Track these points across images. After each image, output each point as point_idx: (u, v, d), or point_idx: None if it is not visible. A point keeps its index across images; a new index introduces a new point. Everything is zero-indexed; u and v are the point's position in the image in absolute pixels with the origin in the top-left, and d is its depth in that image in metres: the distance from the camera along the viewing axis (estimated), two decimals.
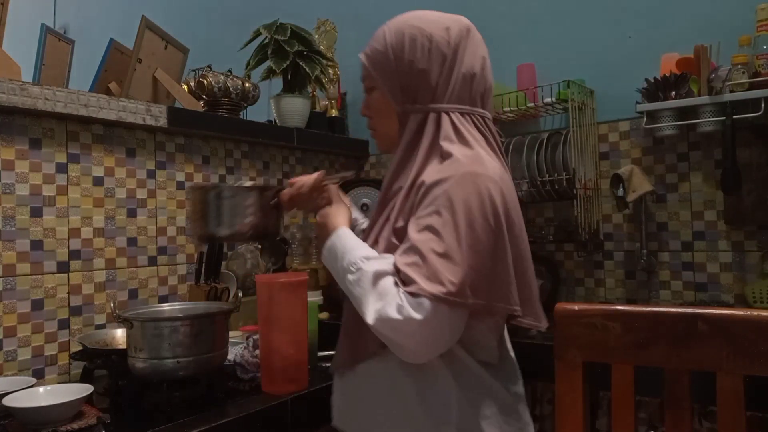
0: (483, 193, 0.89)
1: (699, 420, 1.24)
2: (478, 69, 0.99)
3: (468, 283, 0.86)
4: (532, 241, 1.92)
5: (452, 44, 0.97)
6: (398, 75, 0.99)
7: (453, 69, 0.97)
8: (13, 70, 1.41)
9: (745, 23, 1.61)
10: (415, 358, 0.91)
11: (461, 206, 0.88)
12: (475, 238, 0.87)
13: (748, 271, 1.67)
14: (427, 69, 0.96)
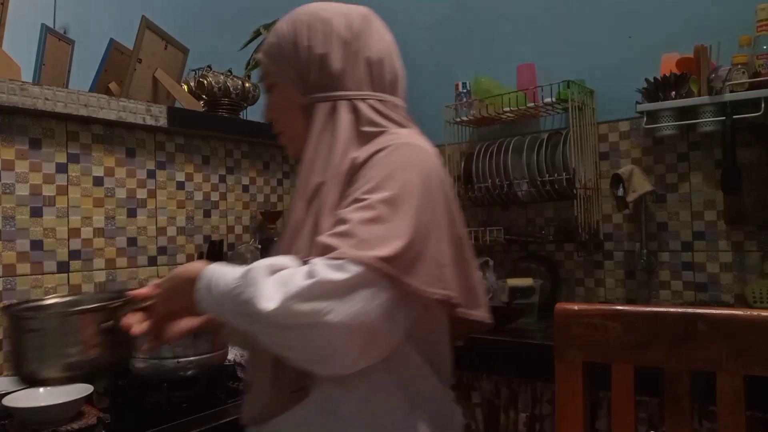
0: (424, 165, 0.81)
1: (699, 420, 1.24)
2: (385, 54, 0.93)
3: (403, 255, 0.73)
4: (531, 241, 1.95)
5: (354, 29, 0.91)
6: (297, 63, 0.91)
7: (358, 54, 0.90)
8: (13, 70, 1.41)
9: (745, 23, 1.61)
10: (344, 355, 0.72)
11: (400, 175, 0.79)
12: (414, 209, 0.76)
13: (748, 271, 1.67)
14: (328, 53, 0.89)
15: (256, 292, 0.71)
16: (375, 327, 0.72)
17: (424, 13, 2.31)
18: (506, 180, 1.89)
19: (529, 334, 1.53)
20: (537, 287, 1.70)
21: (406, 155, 0.81)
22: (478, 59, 2.16)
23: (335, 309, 0.69)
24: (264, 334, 0.73)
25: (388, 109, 0.91)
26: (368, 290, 0.71)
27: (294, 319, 0.69)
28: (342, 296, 0.69)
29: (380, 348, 0.76)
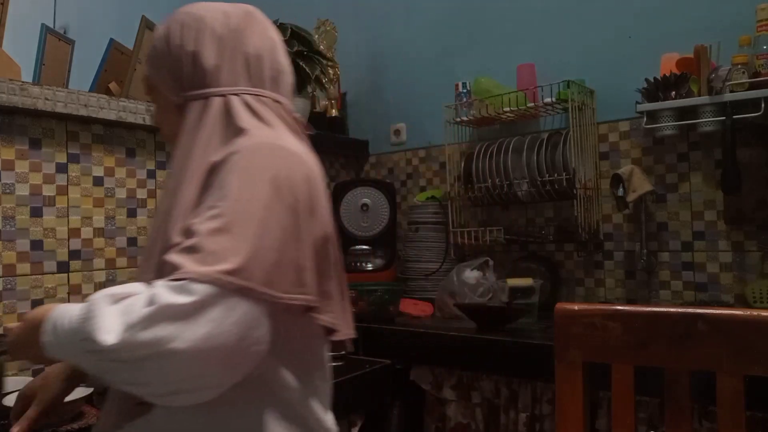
0: (280, 165, 0.76)
1: (699, 420, 1.24)
2: (266, 50, 0.89)
3: (255, 264, 0.68)
4: (531, 241, 1.95)
5: (231, 25, 0.88)
6: (169, 62, 0.88)
7: (236, 50, 0.87)
8: (13, 70, 1.41)
9: (745, 23, 1.61)
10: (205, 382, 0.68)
11: (252, 176, 0.74)
12: (266, 213, 0.72)
13: (748, 271, 1.67)
14: (199, 51, 0.86)
15: (95, 325, 0.66)
16: (232, 346, 0.66)
17: (424, 13, 2.31)
18: (506, 180, 1.89)
19: (529, 334, 1.53)
20: (537, 287, 1.70)
21: (261, 158, 0.76)
22: (478, 59, 2.16)
23: (180, 335, 0.63)
24: (112, 372, 0.68)
25: (262, 105, 0.86)
26: (218, 308, 0.65)
27: (137, 351, 0.64)
28: (187, 320, 0.64)
29: (246, 365, 0.71)
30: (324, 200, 0.82)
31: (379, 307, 1.78)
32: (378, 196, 2.19)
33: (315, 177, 0.81)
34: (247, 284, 0.67)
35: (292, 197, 0.75)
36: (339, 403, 1.44)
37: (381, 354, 1.66)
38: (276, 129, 0.83)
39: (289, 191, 0.75)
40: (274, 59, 0.90)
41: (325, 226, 0.81)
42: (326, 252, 0.81)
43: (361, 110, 2.48)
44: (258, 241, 0.70)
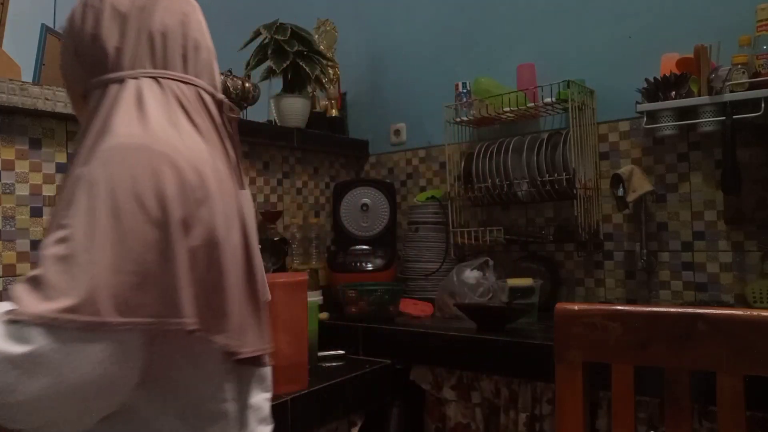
0: (141, 172, 0.66)
1: (699, 420, 1.24)
2: (174, 25, 0.80)
3: (104, 293, 0.61)
4: (531, 241, 1.95)
5: (137, 3, 0.80)
6: (74, 48, 0.81)
7: (140, 29, 0.79)
8: (13, 70, 1.41)
9: (745, 23, 1.61)
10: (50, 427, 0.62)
11: (104, 189, 0.64)
12: (120, 232, 0.63)
13: (748, 271, 1.67)
14: (100, 34, 0.78)
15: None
16: (81, 389, 0.60)
17: (424, 13, 2.31)
18: (506, 180, 1.89)
19: (529, 334, 1.53)
20: (537, 287, 1.70)
21: (119, 166, 0.66)
22: (478, 59, 2.16)
23: (18, 388, 0.58)
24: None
25: (161, 90, 0.76)
26: (59, 354, 0.59)
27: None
28: (25, 371, 0.58)
29: (106, 403, 0.65)
30: (214, 204, 0.71)
31: (379, 307, 1.78)
32: (378, 196, 2.20)
33: (192, 180, 0.69)
34: (92, 319, 0.59)
35: (158, 210, 0.65)
36: (339, 403, 1.45)
37: (381, 354, 1.66)
38: (152, 119, 0.72)
39: (158, 202, 0.66)
40: (185, 35, 0.82)
41: (210, 235, 0.70)
42: (216, 264, 0.70)
43: (361, 110, 2.48)
44: (109, 265, 0.62)
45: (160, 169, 0.67)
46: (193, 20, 0.83)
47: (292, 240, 2.06)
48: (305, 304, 1.34)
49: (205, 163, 0.73)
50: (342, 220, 2.20)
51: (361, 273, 2.07)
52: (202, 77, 0.82)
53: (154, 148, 0.68)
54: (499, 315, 1.61)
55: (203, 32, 0.85)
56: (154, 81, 0.77)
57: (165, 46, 0.79)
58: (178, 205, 0.67)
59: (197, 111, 0.78)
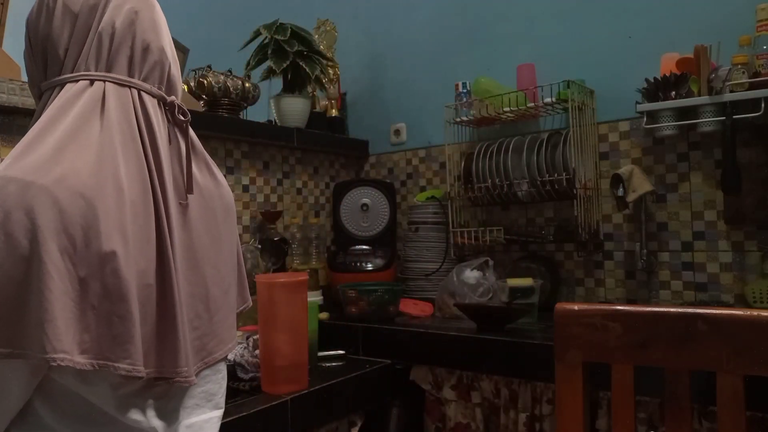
0: (13, 208, 0.65)
1: (699, 420, 1.24)
2: (123, 25, 0.78)
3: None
4: (531, 241, 1.94)
5: (89, 1, 0.78)
6: (30, 48, 0.81)
7: (89, 29, 0.77)
8: (13, 70, 1.41)
9: (745, 23, 1.61)
10: None
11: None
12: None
13: (748, 271, 1.67)
14: (51, 33, 0.77)
15: None
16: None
17: (424, 13, 2.31)
18: (506, 180, 1.89)
19: (529, 334, 1.53)
20: (537, 287, 1.70)
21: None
22: (478, 59, 2.16)
23: None
24: None
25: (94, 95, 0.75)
26: None
27: None
28: None
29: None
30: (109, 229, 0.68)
31: (379, 307, 1.78)
32: (378, 196, 2.20)
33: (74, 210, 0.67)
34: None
35: (26, 245, 0.64)
36: (339, 403, 1.45)
37: (381, 354, 1.66)
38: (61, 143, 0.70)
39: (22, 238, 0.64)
40: (134, 35, 0.79)
41: (102, 261, 0.68)
42: (114, 290, 0.68)
43: (361, 110, 2.48)
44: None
45: (34, 204, 0.65)
46: (144, 19, 0.81)
47: (292, 240, 2.06)
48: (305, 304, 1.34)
49: (101, 184, 0.70)
50: (342, 220, 2.20)
51: (361, 273, 2.07)
52: (151, 79, 0.80)
53: (30, 181, 0.66)
54: (499, 315, 1.61)
55: (157, 31, 0.82)
56: (89, 84, 0.75)
57: (111, 48, 0.77)
58: (53, 237, 0.65)
59: (127, 118, 0.76)
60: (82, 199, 0.68)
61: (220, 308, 0.83)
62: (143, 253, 0.72)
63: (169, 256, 0.73)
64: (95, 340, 0.67)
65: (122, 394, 0.72)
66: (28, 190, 0.65)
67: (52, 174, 0.67)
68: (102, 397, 0.72)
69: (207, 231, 0.82)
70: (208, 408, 0.84)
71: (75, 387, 0.70)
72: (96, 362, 0.66)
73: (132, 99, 0.77)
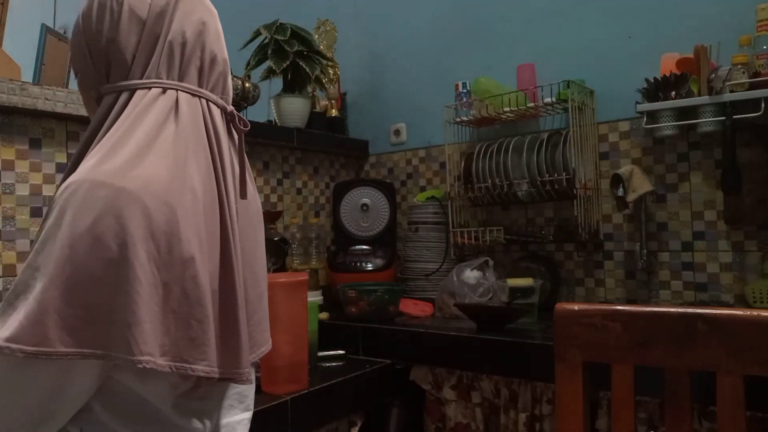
0: (104, 212, 0.66)
1: (699, 420, 1.24)
2: (191, 35, 0.79)
3: (53, 322, 0.63)
4: (531, 241, 1.94)
5: (154, 7, 0.78)
6: (87, 49, 0.79)
7: (158, 37, 0.77)
8: (13, 70, 1.41)
9: (745, 23, 1.61)
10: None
11: (66, 223, 0.66)
12: (75, 265, 0.64)
13: (748, 271, 1.67)
14: (117, 38, 0.77)
15: None
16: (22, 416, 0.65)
17: (424, 13, 2.31)
18: (506, 180, 1.89)
19: (529, 334, 1.53)
20: (537, 287, 1.70)
21: (82, 197, 0.67)
22: (478, 59, 2.16)
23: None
24: None
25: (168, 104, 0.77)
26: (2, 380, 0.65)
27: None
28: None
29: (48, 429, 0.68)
30: (188, 235, 0.71)
31: (379, 307, 1.78)
32: (378, 196, 2.20)
33: (160, 217, 0.69)
34: (37, 349, 0.62)
35: (116, 249, 0.66)
36: (339, 403, 1.45)
37: (381, 354, 1.66)
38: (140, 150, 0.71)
39: (111, 243, 0.66)
40: (200, 45, 0.81)
41: (183, 267, 0.70)
42: (192, 294, 0.70)
43: (361, 110, 2.48)
44: (59, 297, 0.63)
45: (124, 210, 0.67)
46: (211, 30, 0.82)
47: (292, 240, 2.06)
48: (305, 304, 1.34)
49: (180, 191, 0.72)
50: (342, 220, 2.20)
51: (361, 273, 2.07)
52: (216, 89, 0.83)
53: (120, 187, 0.68)
54: (499, 315, 1.61)
55: (221, 43, 0.84)
56: (162, 92, 0.77)
57: (182, 58, 0.79)
58: (142, 243, 0.67)
59: (197, 126, 0.78)
60: (166, 206, 0.70)
61: (256, 311, 0.86)
62: (212, 257, 0.74)
63: (233, 261, 0.76)
64: (174, 343, 0.69)
65: (178, 394, 0.75)
66: (118, 195, 0.67)
67: (138, 180, 0.69)
68: (159, 396, 0.74)
69: (248, 236, 0.84)
70: (240, 409, 0.87)
71: (134, 385, 0.72)
72: (175, 365, 0.69)
73: (201, 108, 0.79)
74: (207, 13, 0.83)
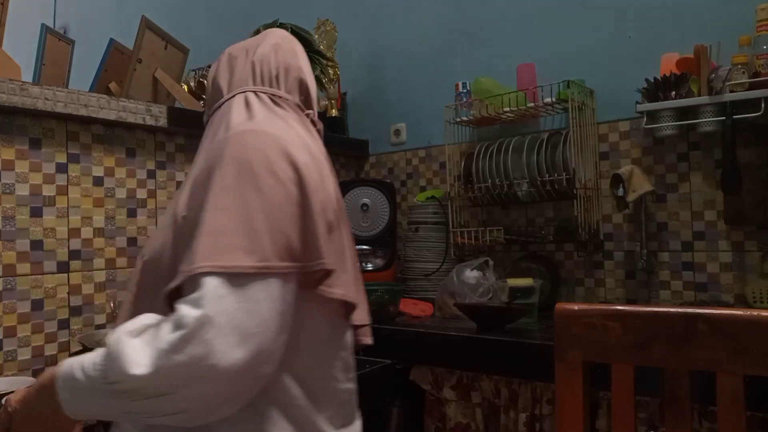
0: (270, 150, 0.77)
1: (699, 420, 1.24)
2: (268, 52, 0.97)
3: (266, 246, 0.71)
4: (531, 241, 1.94)
5: (245, 46, 1.00)
6: (207, 90, 1.04)
7: (245, 62, 0.97)
8: (13, 70, 1.41)
9: (745, 23, 1.61)
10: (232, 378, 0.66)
11: (243, 167, 0.75)
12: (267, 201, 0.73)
13: (748, 271, 1.67)
14: (216, 77, 1.00)
15: (122, 362, 0.65)
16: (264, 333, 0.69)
17: (424, 13, 2.31)
18: (506, 180, 1.89)
19: (529, 334, 1.53)
20: (537, 287, 1.70)
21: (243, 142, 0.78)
22: (478, 59, 2.16)
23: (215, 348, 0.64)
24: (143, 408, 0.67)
25: (263, 100, 0.92)
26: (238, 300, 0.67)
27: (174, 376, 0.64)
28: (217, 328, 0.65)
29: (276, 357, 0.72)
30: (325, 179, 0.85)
31: (379, 307, 1.78)
32: (378, 196, 2.19)
33: (304, 156, 0.81)
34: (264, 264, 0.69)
35: (293, 177, 0.77)
36: None
37: (381, 354, 1.66)
38: (260, 116, 0.86)
39: (288, 174, 0.76)
40: (277, 59, 0.97)
41: (330, 200, 0.83)
42: (336, 226, 0.83)
43: (361, 110, 2.48)
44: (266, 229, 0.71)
45: (284, 146, 0.78)
46: (285, 48, 0.99)
47: None
48: None
49: (309, 147, 0.85)
50: None
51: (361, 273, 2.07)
52: (294, 93, 0.97)
53: (271, 132, 0.80)
54: (499, 315, 1.61)
55: (295, 57, 1.00)
56: (254, 94, 0.92)
57: (261, 69, 0.95)
58: (306, 173, 0.78)
59: (288, 115, 0.92)
60: (306, 151, 0.82)
61: (361, 285, 0.95)
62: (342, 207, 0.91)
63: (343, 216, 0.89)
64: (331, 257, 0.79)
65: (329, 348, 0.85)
66: (275, 138, 0.79)
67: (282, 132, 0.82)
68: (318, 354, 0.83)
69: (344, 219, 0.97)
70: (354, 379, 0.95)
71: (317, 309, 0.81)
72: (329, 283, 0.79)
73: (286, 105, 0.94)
74: (282, 38, 1.01)
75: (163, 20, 1.86)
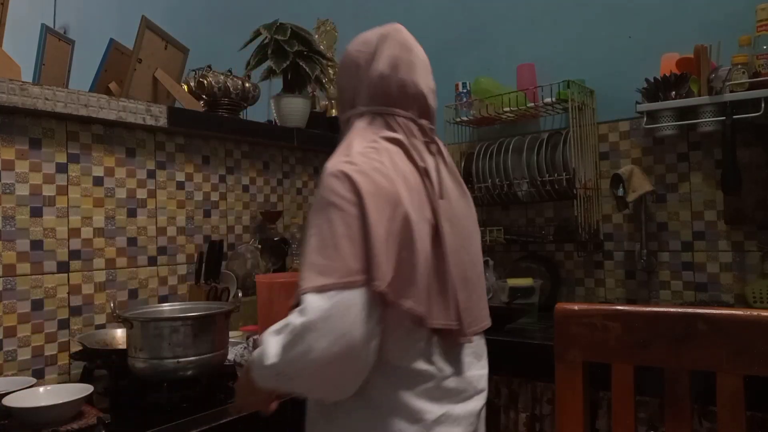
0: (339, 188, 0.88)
1: (699, 420, 1.24)
2: (386, 69, 1.02)
3: (342, 266, 0.84)
4: (531, 241, 1.94)
5: (366, 53, 1.05)
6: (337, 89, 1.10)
7: (366, 74, 1.03)
8: (13, 70, 1.41)
9: (745, 23, 1.61)
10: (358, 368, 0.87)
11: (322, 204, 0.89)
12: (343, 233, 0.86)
13: (748, 271, 1.67)
14: (346, 85, 1.06)
15: (263, 354, 0.86)
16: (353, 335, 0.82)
17: (424, 13, 2.31)
18: (506, 180, 1.89)
19: (529, 334, 1.53)
20: (537, 287, 1.70)
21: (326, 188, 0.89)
22: (478, 59, 2.16)
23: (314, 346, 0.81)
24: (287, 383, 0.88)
25: (378, 122, 1.00)
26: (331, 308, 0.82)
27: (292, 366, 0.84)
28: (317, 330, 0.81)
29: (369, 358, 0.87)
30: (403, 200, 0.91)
31: None
32: None
33: (382, 183, 0.90)
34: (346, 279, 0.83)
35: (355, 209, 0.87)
36: None
37: None
38: (356, 155, 0.93)
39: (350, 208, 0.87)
40: (394, 76, 1.02)
41: (402, 220, 0.90)
42: (408, 244, 0.90)
43: None
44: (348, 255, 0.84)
45: (355, 178, 0.88)
46: (401, 62, 1.03)
47: (292, 240, 2.06)
48: None
49: (397, 173, 0.93)
50: None
51: None
52: (410, 108, 1.03)
53: (351, 168, 0.89)
54: (499, 315, 1.61)
55: (412, 72, 1.03)
56: (369, 114, 1.01)
57: (383, 87, 1.02)
58: (371, 200, 0.87)
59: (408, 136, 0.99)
60: (386, 179, 0.91)
61: (476, 288, 1.05)
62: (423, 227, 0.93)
63: (444, 237, 0.94)
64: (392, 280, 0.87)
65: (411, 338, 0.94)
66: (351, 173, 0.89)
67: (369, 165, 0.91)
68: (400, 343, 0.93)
69: (464, 226, 1.03)
70: (479, 367, 1.07)
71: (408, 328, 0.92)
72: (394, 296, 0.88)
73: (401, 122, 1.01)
74: (400, 49, 1.05)
75: (163, 20, 1.87)
